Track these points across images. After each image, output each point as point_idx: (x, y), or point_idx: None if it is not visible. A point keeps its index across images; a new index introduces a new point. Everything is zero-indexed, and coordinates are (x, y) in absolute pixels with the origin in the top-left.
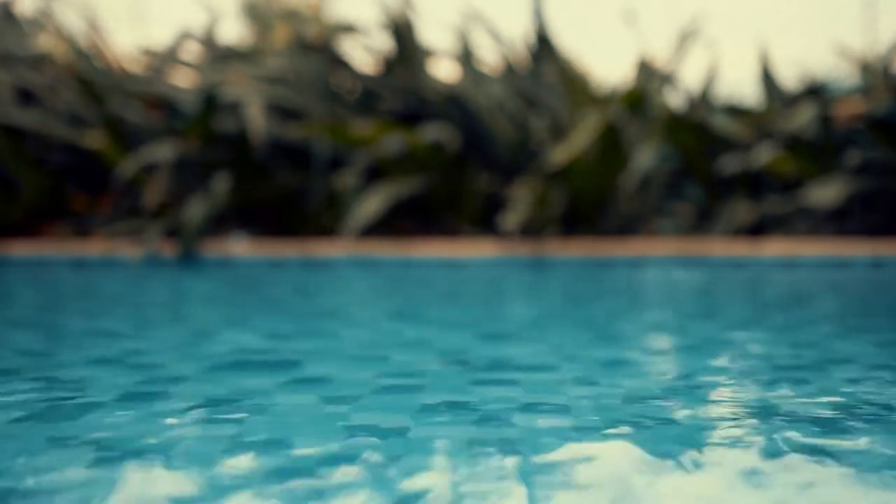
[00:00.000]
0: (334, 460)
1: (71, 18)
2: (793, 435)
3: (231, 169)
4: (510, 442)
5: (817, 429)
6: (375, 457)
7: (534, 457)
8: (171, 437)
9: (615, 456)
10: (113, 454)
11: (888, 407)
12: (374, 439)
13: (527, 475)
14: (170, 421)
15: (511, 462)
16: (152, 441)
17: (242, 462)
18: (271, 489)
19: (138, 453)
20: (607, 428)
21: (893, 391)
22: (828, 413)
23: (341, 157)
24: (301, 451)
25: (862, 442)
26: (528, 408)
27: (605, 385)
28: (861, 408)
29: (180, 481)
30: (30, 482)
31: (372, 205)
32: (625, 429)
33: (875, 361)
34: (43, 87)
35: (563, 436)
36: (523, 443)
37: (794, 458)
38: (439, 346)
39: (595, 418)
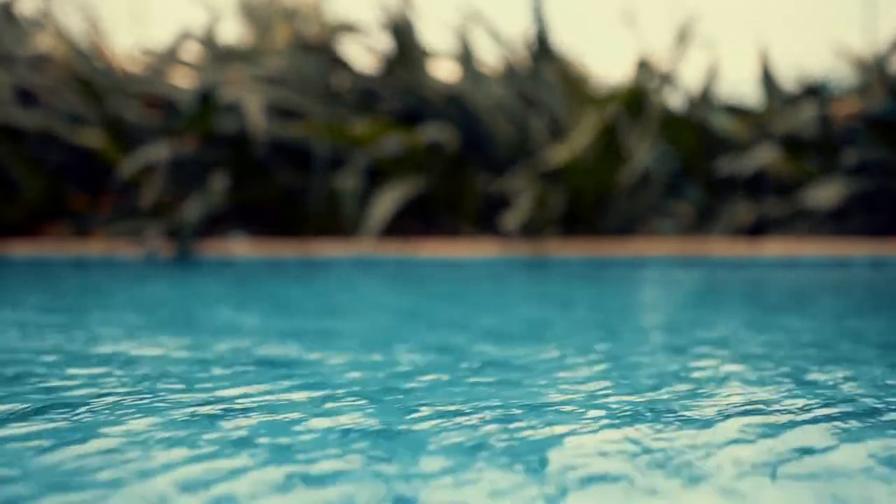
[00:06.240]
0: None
1: (71, 18)
2: (790, 433)
3: (230, 169)
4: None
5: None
6: (374, 454)
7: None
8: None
9: (605, 450)
10: (114, 454)
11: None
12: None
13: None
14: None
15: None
16: (154, 441)
17: (241, 463)
18: (268, 491)
19: (138, 451)
20: (599, 420)
21: (890, 390)
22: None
23: (341, 157)
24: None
25: (860, 439)
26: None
27: (605, 384)
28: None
29: (175, 481)
30: (31, 483)
31: (385, 206)
32: (619, 423)
33: (875, 361)
34: (43, 87)
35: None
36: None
37: (793, 456)
38: (442, 345)
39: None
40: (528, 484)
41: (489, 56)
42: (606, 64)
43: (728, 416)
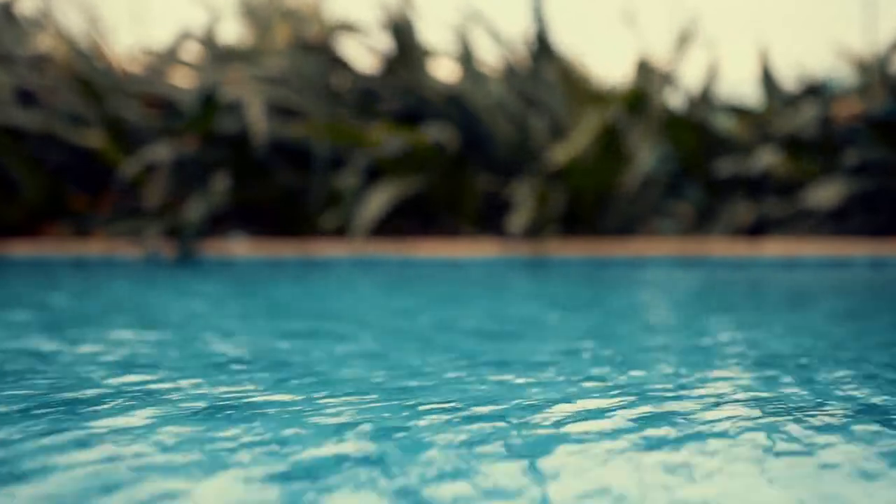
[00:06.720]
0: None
1: (71, 18)
2: (789, 431)
3: (231, 169)
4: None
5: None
6: (376, 454)
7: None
8: (179, 438)
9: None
10: (112, 454)
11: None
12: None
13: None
14: (177, 421)
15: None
16: (151, 441)
17: (243, 463)
18: (271, 491)
19: (138, 454)
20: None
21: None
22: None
23: (341, 157)
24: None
25: (860, 438)
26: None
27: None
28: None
29: (180, 481)
30: (31, 476)
31: (375, 205)
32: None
33: (874, 360)
34: (43, 87)
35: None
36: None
37: (792, 455)
38: (444, 346)
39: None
40: (527, 483)
41: (489, 56)
42: (606, 64)
43: (726, 415)
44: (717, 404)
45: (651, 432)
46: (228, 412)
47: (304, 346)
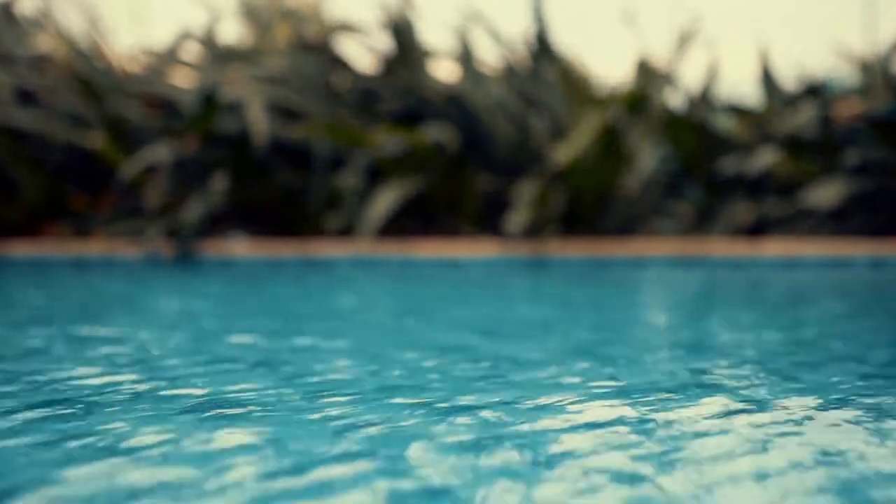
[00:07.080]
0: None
1: (71, 18)
2: (791, 430)
3: (230, 169)
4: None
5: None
6: (372, 454)
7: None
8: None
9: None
10: (114, 454)
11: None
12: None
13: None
14: (171, 420)
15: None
16: (153, 441)
17: (244, 462)
18: (274, 489)
19: (139, 453)
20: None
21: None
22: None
23: (341, 157)
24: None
25: (859, 437)
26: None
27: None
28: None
29: (184, 480)
30: (33, 482)
31: (382, 205)
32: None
33: (873, 360)
34: (43, 87)
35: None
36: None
37: (789, 454)
38: (441, 345)
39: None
40: (525, 482)
41: (489, 56)
42: (606, 64)
43: (725, 416)
44: (716, 403)
45: (650, 432)
46: (227, 412)
47: (304, 345)
